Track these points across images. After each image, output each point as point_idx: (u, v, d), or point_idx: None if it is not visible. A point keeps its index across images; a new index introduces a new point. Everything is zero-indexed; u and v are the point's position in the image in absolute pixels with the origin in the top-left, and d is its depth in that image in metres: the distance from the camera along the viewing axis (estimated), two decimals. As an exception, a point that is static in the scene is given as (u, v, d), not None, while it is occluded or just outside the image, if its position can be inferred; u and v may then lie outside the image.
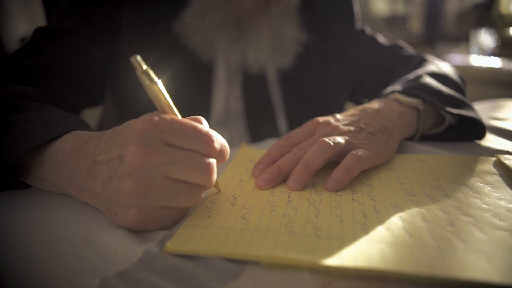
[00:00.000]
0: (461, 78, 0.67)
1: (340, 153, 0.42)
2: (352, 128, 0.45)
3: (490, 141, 0.54)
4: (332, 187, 0.38)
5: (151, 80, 0.32)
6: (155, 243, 0.31)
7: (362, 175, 0.42)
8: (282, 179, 0.41)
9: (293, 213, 0.34)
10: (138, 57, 0.31)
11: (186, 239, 0.30)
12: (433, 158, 0.46)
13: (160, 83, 0.33)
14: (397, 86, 0.55)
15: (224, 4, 0.63)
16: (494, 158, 0.45)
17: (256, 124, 0.72)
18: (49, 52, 0.55)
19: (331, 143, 0.40)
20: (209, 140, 0.32)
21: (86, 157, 0.34)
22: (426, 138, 0.55)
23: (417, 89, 0.53)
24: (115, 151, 0.31)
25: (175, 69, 0.64)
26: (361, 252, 0.28)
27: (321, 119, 0.47)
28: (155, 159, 0.30)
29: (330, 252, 0.28)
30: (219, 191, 0.40)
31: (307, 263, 0.27)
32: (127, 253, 0.29)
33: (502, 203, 0.35)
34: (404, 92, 0.53)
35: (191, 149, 0.31)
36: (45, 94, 0.50)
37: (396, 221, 0.32)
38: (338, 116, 0.48)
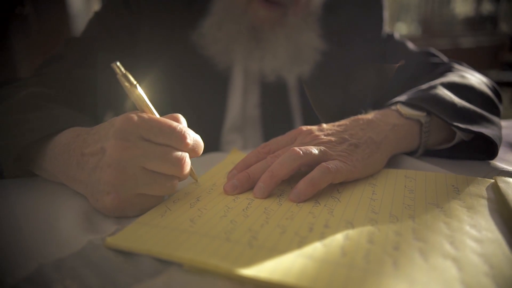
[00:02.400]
0: (494, 91, 0.60)
1: (313, 163, 0.41)
2: (333, 139, 0.43)
3: (509, 161, 0.48)
4: (294, 198, 0.38)
5: (131, 83, 0.36)
6: (104, 235, 0.33)
7: (335, 188, 0.41)
8: (250, 186, 0.41)
9: (241, 220, 0.34)
10: (118, 63, 0.35)
11: (128, 236, 0.32)
12: (423, 175, 0.43)
13: (138, 86, 0.37)
14: (403, 96, 0.51)
15: (240, 15, 0.65)
16: (492, 180, 0.40)
17: (272, 131, 0.72)
18: (72, 59, 0.62)
19: (301, 153, 0.40)
20: (182, 136, 0.36)
21: (76, 150, 0.38)
22: (435, 154, 0.51)
23: (423, 101, 0.49)
24: (99, 144, 0.35)
25: (191, 76, 0.67)
26: (283, 266, 0.27)
27: (305, 127, 0.46)
28: (132, 152, 0.34)
29: (252, 262, 0.28)
30: (196, 181, 0.43)
31: (224, 270, 0.27)
32: (74, 242, 0.32)
33: (470, 230, 0.31)
34: (408, 103, 0.49)
35: (166, 144, 0.35)
36: (62, 97, 0.56)
37: (338, 239, 0.31)
38: (324, 125, 0.47)
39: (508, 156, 0.52)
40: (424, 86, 0.54)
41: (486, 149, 0.48)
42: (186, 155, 0.37)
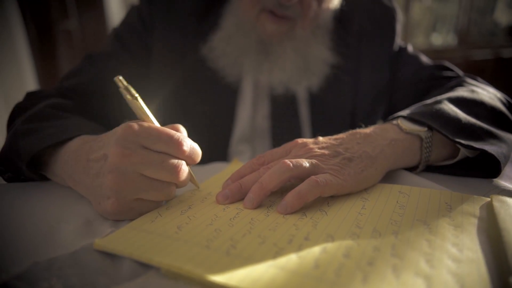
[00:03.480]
0: (510, 106, 0.58)
1: (303, 176, 0.41)
2: (327, 152, 0.44)
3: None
4: (282, 210, 0.38)
5: (132, 95, 0.39)
6: (99, 237, 0.35)
7: (326, 201, 0.41)
8: (241, 196, 0.42)
9: (225, 229, 0.35)
10: (120, 77, 0.38)
11: (116, 239, 0.34)
12: (417, 191, 0.42)
13: (139, 98, 0.39)
14: (406, 111, 0.51)
15: (248, 29, 0.67)
16: (488, 199, 0.39)
17: (281, 142, 0.73)
18: (89, 73, 0.66)
19: (291, 166, 0.40)
20: (179, 143, 0.38)
21: (82, 156, 0.41)
22: (438, 170, 0.50)
23: (426, 115, 0.48)
24: (102, 151, 0.38)
25: (202, 88, 0.69)
26: (253, 275, 0.28)
27: (300, 140, 0.47)
28: (132, 159, 0.36)
29: (225, 270, 0.29)
30: (198, 187, 0.45)
31: (197, 275, 0.28)
32: (69, 243, 0.34)
33: (451, 248, 0.31)
34: (410, 117, 0.49)
35: (164, 151, 0.37)
36: (78, 107, 0.59)
37: (315, 251, 0.31)
38: (320, 138, 0.47)
39: (519, 174, 0.50)
40: (429, 101, 0.53)
41: (490, 166, 0.46)
42: (182, 163, 0.39)
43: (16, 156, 0.45)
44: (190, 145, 0.39)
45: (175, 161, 0.38)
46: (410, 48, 0.75)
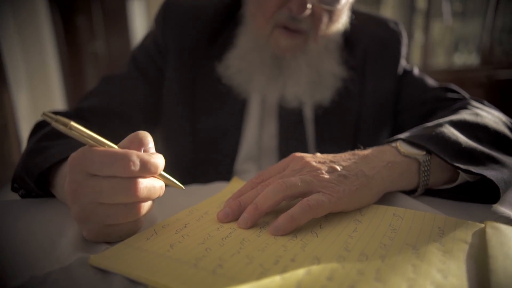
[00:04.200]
0: None
1: (297, 195, 0.42)
2: (323, 167, 0.44)
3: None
4: (274, 231, 0.39)
5: (65, 124, 0.35)
6: (94, 253, 0.37)
7: (318, 223, 0.41)
8: (241, 214, 0.42)
9: (216, 248, 0.36)
10: (46, 112, 0.34)
11: (110, 256, 0.35)
12: (412, 214, 0.42)
13: (74, 124, 0.35)
14: (406, 133, 0.51)
15: (263, 46, 0.69)
16: (483, 225, 0.38)
17: None
18: (105, 94, 0.69)
19: (285, 186, 0.41)
20: (125, 164, 0.35)
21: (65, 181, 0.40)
22: (438, 194, 0.49)
23: (425, 139, 0.48)
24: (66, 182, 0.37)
25: (208, 107, 0.72)
26: (234, 294, 0.29)
27: (298, 154, 0.47)
28: (82, 191, 0.35)
29: (208, 287, 0.30)
30: (182, 188, 0.43)
31: (180, 294, 0.29)
32: (66, 258, 0.36)
33: (436, 274, 0.31)
34: (408, 140, 0.49)
35: (112, 175, 0.35)
36: (93, 128, 0.62)
37: (299, 273, 0.31)
38: (318, 154, 0.48)
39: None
40: (430, 124, 0.53)
41: (491, 192, 0.45)
42: (137, 181, 0.36)
43: (26, 174, 0.48)
44: (140, 160, 0.36)
45: (127, 182, 0.35)
46: (416, 71, 0.75)
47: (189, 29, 0.73)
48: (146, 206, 0.38)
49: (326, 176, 0.43)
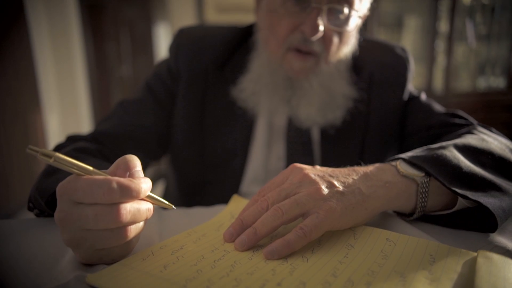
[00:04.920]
0: None
1: (296, 218, 0.43)
2: (321, 182, 0.44)
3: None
4: (268, 255, 0.40)
5: (50, 156, 0.36)
6: (92, 272, 0.39)
7: (310, 249, 0.42)
8: (244, 231, 0.43)
9: (207, 270, 0.37)
10: (30, 146, 0.35)
11: (105, 275, 0.37)
12: (405, 240, 0.42)
13: (58, 155, 0.36)
14: (408, 153, 0.51)
15: (276, 69, 0.72)
16: (475, 254, 0.38)
17: None
18: (120, 118, 0.73)
19: (282, 213, 0.42)
20: (104, 191, 0.35)
21: None
22: (437, 221, 0.49)
23: (425, 160, 0.48)
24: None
25: (217, 129, 0.74)
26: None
27: (298, 165, 0.48)
28: (69, 219, 0.36)
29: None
30: (173, 208, 0.44)
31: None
32: (65, 275, 0.38)
33: (419, 303, 0.30)
34: (409, 161, 0.49)
35: (95, 203, 0.36)
36: (104, 151, 0.66)
37: (283, 297, 0.32)
38: (318, 167, 0.48)
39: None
40: (434, 145, 0.52)
41: (489, 220, 0.45)
42: (118, 207, 0.36)
43: (39, 195, 0.51)
44: (120, 186, 0.36)
45: (109, 208, 0.36)
46: (423, 97, 0.75)
47: (200, 56, 0.76)
48: (134, 229, 0.39)
49: (323, 192, 0.43)
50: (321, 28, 0.63)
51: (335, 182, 0.45)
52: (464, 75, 3.64)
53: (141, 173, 0.40)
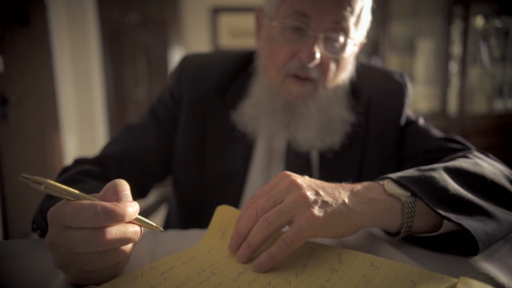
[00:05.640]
0: None
1: (283, 226, 0.44)
2: (307, 188, 0.46)
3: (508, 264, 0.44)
4: (256, 268, 0.42)
5: (41, 183, 0.38)
6: (82, 290, 0.40)
7: (295, 272, 0.42)
8: (243, 241, 0.45)
9: None
10: (23, 174, 0.37)
11: (95, 293, 0.38)
12: (389, 265, 0.42)
13: (49, 181, 0.38)
14: (397, 173, 0.52)
15: (275, 94, 0.74)
16: (456, 280, 0.38)
17: None
18: (125, 142, 0.76)
19: (268, 223, 0.43)
20: (91, 216, 0.37)
21: None
22: (424, 244, 0.49)
23: (412, 181, 0.48)
24: None
25: (219, 150, 0.76)
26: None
27: (287, 173, 0.49)
28: (59, 243, 0.37)
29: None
30: (162, 230, 0.45)
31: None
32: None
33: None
34: (396, 180, 0.49)
35: (82, 227, 0.37)
36: (108, 173, 0.68)
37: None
38: (307, 177, 0.50)
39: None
40: (425, 167, 0.53)
41: (472, 243, 0.44)
42: (104, 231, 0.37)
43: (40, 217, 0.53)
44: (104, 210, 0.37)
45: (95, 232, 0.37)
46: (421, 121, 0.76)
47: (202, 81, 0.79)
48: (121, 251, 0.40)
49: (308, 198, 0.45)
50: (318, 55, 0.66)
51: (321, 192, 0.47)
52: (479, 97, 3.61)
53: (129, 197, 0.42)
